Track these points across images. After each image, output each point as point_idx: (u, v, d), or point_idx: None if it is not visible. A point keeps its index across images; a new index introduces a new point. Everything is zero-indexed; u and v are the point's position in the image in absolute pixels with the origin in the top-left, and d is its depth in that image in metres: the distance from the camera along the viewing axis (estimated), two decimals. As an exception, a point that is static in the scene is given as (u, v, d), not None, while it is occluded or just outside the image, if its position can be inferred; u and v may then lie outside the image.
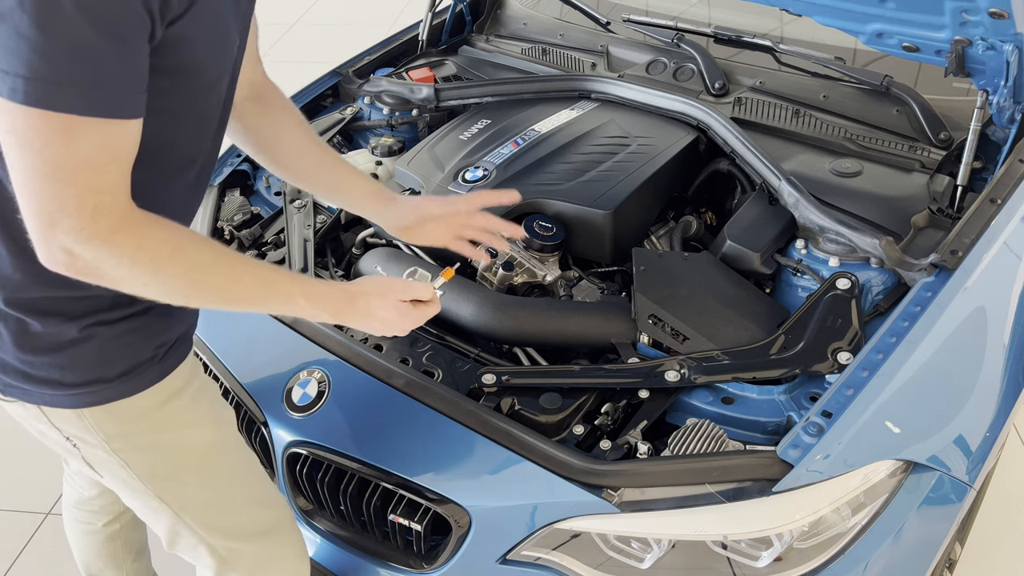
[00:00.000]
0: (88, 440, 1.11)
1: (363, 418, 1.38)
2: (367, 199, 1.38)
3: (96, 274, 0.90)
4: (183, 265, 0.95)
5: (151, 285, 0.94)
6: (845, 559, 1.18)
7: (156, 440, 1.14)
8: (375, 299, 1.13)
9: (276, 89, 1.35)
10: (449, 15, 2.44)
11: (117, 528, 1.64)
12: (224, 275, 0.99)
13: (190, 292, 0.97)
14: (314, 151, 1.35)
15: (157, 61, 0.90)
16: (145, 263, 0.91)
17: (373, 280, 1.16)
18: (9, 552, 2.13)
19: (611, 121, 1.91)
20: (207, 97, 1.02)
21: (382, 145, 1.97)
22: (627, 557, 1.24)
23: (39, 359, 1.03)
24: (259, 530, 1.28)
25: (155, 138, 0.96)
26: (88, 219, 0.86)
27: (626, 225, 1.67)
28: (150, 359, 1.10)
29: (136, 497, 1.21)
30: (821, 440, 1.17)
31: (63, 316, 1.01)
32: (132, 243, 0.90)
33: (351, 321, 1.13)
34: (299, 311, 1.06)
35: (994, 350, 1.38)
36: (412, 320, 1.17)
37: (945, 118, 1.77)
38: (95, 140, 0.84)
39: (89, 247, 0.87)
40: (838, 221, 1.51)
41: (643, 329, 1.45)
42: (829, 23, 1.71)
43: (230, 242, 1.77)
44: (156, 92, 0.92)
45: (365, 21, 5.29)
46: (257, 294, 1.03)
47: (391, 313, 1.15)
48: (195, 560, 1.30)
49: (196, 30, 0.92)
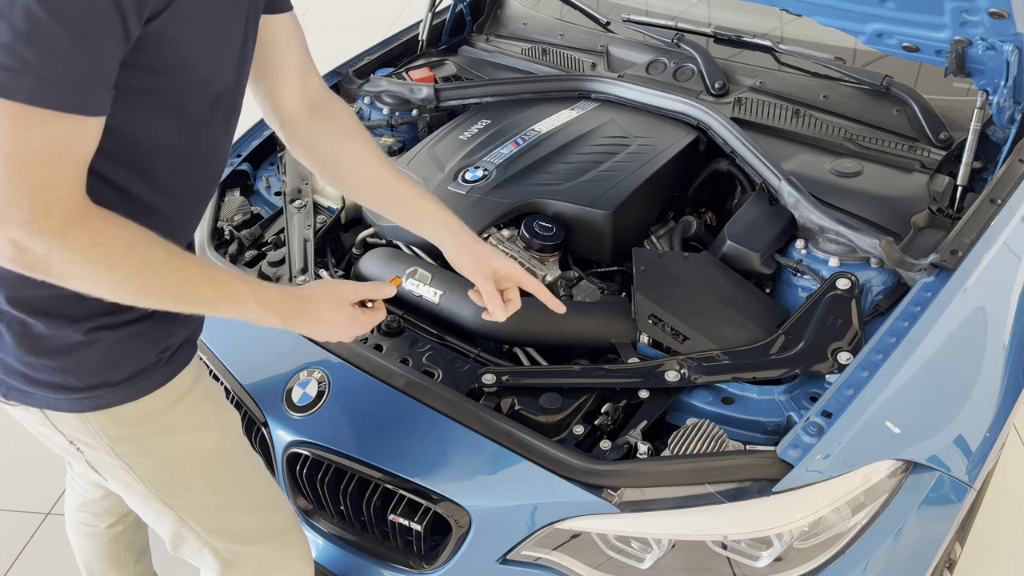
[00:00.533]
0: (92, 444, 1.11)
1: (363, 418, 1.38)
2: (438, 223, 1.29)
3: (44, 269, 0.88)
4: (136, 264, 0.92)
5: (101, 283, 0.91)
6: (845, 559, 1.18)
7: (160, 444, 1.14)
8: (325, 304, 1.12)
9: (341, 105, 1.29)
10: (449, 15, 2.44)
11: (120, 530, 1.64)
12: (176, 276, 0.96)
13: (141, 291, 0.95)
14: (379, 170, 1.27)
15: (139, 58, 0.88)
16: (98, 260, 0.89)
17: (323, 284, 1.14)
18: (9, 552, 2.13)
19: (611, 121, 1.91)
20: (200, 96, 1.00)
21: (382, 145, 1.98)
22: (627, 557, 1.24)
23: (42, 362, 1.03)
24: (264, 534, 1.28)
25: (148, 137, 0.95)
26: (40, 213, 0.84)
27: (626, 225, 1.67)
28: (154, 363, 1.09)
29: (140, 500, 1.20)
30: (821, 440, 1.17)
31: (66, 318, 1.00)
32: (86, 239, 0.88)
33: (300, 326, 1.11)
34: (249, 315, 1.04)
35: (994, 350, 1.38)
36: (361, 325, 1.16)
37: (945, 118, 1.77)
38: (49, 133, 0.82)
39: (39, 241, 0.85)
40: (838, 221, 1.51)
41: (643, 329, 1.45)
42: (829, 23, 1.71)
43: (230, 242, 1.77)
44: (143, 90, 0.91)
45: (365, 21, 5.29)
46: (208, 296, 1.00)
47: (341, 318, 1.13)
48: (199, 563, 1.29)
49: (180, 27, 0.90)
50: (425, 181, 1.78)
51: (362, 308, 1.17)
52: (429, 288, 1.55)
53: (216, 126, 1.06)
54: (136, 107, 0.93)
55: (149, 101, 0.94)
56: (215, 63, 0.99)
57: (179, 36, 0.91)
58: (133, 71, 0.89)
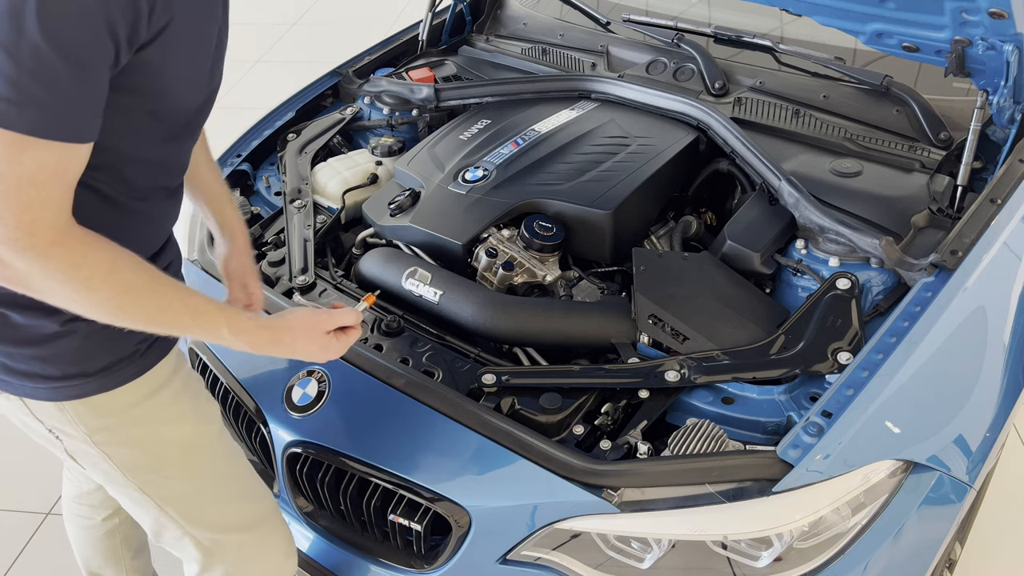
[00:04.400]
0: (70, 433, 1.13)
1: (363, 418, 1.38)
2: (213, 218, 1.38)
3: (23, 284, 0.91)
4: (116, 288, 0.95)
5: (80, 302, 0.94)
6: (845, 559, 1.18)
7: (138, 434, 1.16)
8: (300, 333, 1.15)
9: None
10: (449, 15, 2.44)
11: (116, 523, 1.65)
12: (155, 301, 0.99)
13: (117, 314, 0.97)
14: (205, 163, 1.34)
15: (122, 81, 0.91)
16: (78, 281, 0.92)
17: (297, 315, 1.17)
18: (9, 552, 2.13)
19: (611, 121, 1.91)
20: (175, 115, 1.04)
21: (382, 145, 1.98)
22: (627, 557, 1.24)
23: (20, 351, 1.05)
24: (244, 523, 1.30)
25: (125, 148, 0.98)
26: (25, 232, 0.86)
27: (626, 225, 1.67)
28: (131, 354, 1.11)
29: (120, 490, 1.22)
30: (821, 440, 1.17)
31: (43, 310, 1.01)
32: (68, 259, 0.90)
33: (274, 354, 1.15)
34: (223, 341, 1.07)
35: (994, 350, 1.38)
36: (334, 351, 1.20)
37: (945, 118, 1.77)
38: (42, 159, 0.85)
39: (22, 258, 0.88)
40: (838, 221, 1.51)
41: (643, 329, 1.45)
42: (829, 23, 1.71)
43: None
44: (122, 108, 0.94)
45: (365, 21, 5.29)
46: (183, 322, 1.03)
47: (314, 347, 1.17)
48: (180, 552, 1.31)
49: (164, 56, 0.93)
50: (425, 181, 1.78)
51: (337, 332, 1.21)
52: (429, 288, 1.55)
53: (188, 137, 1.10)
54: (115, 123, 0.95)
55: (128, 118, 0.97)
56: (188, 87, 1.02)
57: (161, 64, 0.94)
58: (115, 91, 0.91)
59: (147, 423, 1.16)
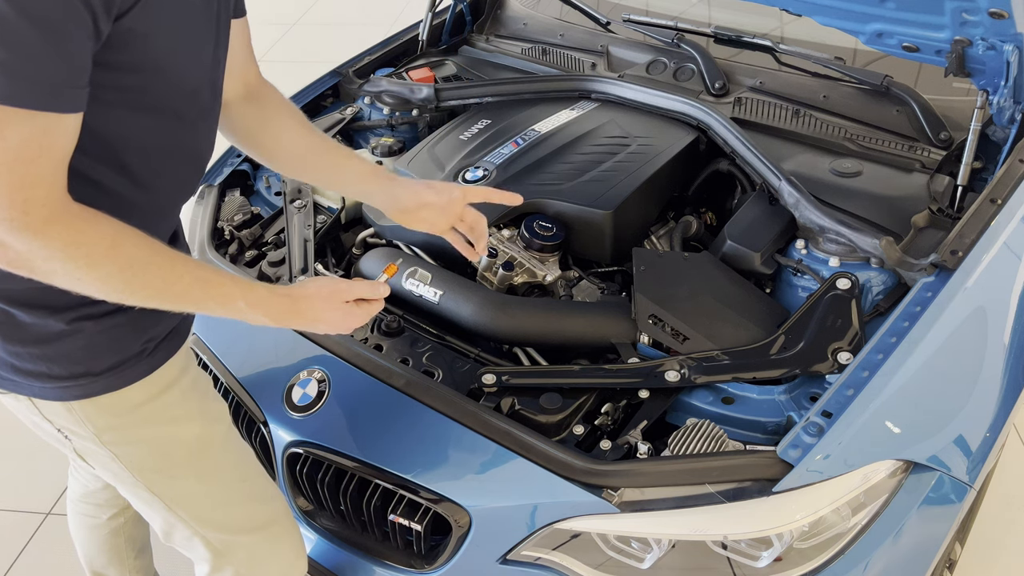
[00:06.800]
0: (79, 432, 1.12)
1: (363, 418, 1.38)
2: (367, 180, 1.34)
3: (28, 266, 0.89)
4: (120, 262, 0.93)
5: (85, 280, 0.92)
6: (845, 559, 1.19)
7: (146, 434, 1.15)
8: (319, 302, 1.12)
9: (273, 89, 1.32)
10: (449, 15, 2.44)
11: (121, 523, 1.65)
12: (162, 275, 0.97)
13: (124, 290, 0.95)
14: (308, 138, 1.31)
15: (111, 57, 0.89)
16: (79, 258, 0.90)
17: (316, 283, 1.14)
18: (9, 552, 2.13)
19: (611, 121, 1.91)
20: (174, 94, 1.01)
21: (382, 145, 1.98)
22: (627, 557, 1.24)
23: (27, 351, 1.04)
24: (254, 524, 1.29)
25: (123, 134, 0.96)
26: (19, 210, 0.85)
27: (626, 225, 1.67)
28: (138, 353, 1.10)
29: (129, 489, 1.22)
30: (821, 440, 1.17)
31: (49, 308, 1.01)
32: (66, 236, 0.88)
33: (295, 325, 1.12)
34: (239, 314, 1.04)
35: (994, 350, 1.38)
36: (358, 319, 1.17)
37: (945, 118, 1.77)
38: (26, 132, 0.83)
39: (20, 238, 0.86)
40: (838, 221, 1.51)
41: (643, 329, 1.45)
42: (829, 23, 1.71)
43: (230, 242, 1.77)
44: (117, 88, 0.92)
45: (365, 21, 5.29)
46: (196, 295, 1.01)
47: (337, 314, 1.14)
48: (191, 552, 1.30)
49: (149, 25, 0.91)
50: (425, 181, 1.78)
51: (359, 301, 1.17)
52: (429, 288, 1.55)
53: (193, 123, 1.07)
54: (110, 105, 0.93)
55: (123, 99, 0.95)
56: (186, 62, 1.00)
57: (148, 34, 0.92)
58: (106, 70, 0.89)
59: (156, 422, 1.14)
